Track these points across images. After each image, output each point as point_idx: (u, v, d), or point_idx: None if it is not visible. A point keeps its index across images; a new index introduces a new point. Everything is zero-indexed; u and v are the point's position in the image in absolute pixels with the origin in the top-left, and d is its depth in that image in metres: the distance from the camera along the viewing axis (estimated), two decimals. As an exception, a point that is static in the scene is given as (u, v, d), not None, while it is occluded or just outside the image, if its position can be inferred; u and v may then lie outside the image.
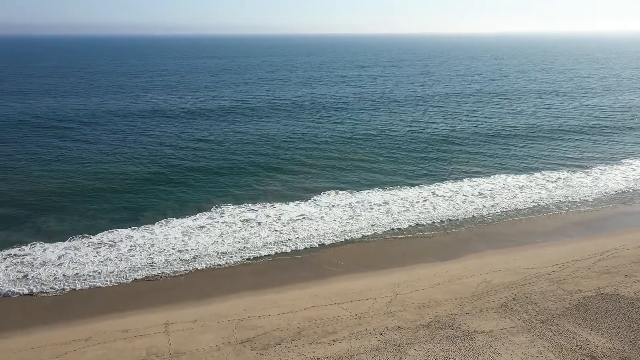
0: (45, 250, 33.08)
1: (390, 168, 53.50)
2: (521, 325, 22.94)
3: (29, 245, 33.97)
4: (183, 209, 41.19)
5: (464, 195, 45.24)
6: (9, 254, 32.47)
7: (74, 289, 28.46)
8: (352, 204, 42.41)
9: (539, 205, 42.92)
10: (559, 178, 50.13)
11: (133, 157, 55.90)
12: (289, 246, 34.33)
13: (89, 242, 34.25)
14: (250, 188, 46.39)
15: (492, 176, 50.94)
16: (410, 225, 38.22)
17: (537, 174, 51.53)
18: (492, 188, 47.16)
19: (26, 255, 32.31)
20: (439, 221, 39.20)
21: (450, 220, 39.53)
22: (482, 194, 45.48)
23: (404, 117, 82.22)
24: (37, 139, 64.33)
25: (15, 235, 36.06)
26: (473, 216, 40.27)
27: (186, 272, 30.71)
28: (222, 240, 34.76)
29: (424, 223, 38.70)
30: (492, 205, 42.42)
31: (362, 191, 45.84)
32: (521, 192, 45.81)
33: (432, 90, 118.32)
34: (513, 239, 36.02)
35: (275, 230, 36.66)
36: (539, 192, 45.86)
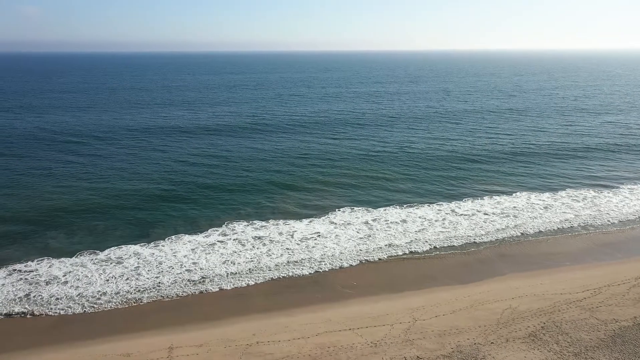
0: (51, 266, 32.19)
1: (408, 186, 51.87)
2: (552, 357, 21.04)
3: (36, 261, 33.17)
4: (194, 225, 40.16)
5: (484, 214, 43.40)
6: (15, 270, 31.66)
7: (75, 311, 27.27)
8: (368, 222, 40.90)
9: (564, 225, 40.82)
10: (585, 197, 47.92)
11: (145, 173, 55.27)
12: (302, 266, 32.87)
13: (96, 259, 33.28)
14: (263, 205, 45.19)
15: (514, 194, 48.99)
16: (428, 245, 36.51)
17: (562, 193, 49.41)
18: (514, 207, 45.21)
19: (31, 271, 31.44)
20: (459, 241, 37.41)
21: (470, 240, 37.69)
22: (504, 213, 43.56)
23: (422, 134, 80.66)
24: (51, 154, 64.29)
25: (23, 250, 35.36)
26: (495, 236, 38.38)
27: (194, 292, 29.43)
28: (233, 259, 33.47)
29: (443, 243, 36.95)
30: (516, 226, 40.44)
31: (378, 209, 44.30)
32: (545, 212, 43.77)
33: (450, 106, 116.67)
34: (538, 261, 34.03)
35: (288, 249, 35.29)
36: (564, 212, 43.76)
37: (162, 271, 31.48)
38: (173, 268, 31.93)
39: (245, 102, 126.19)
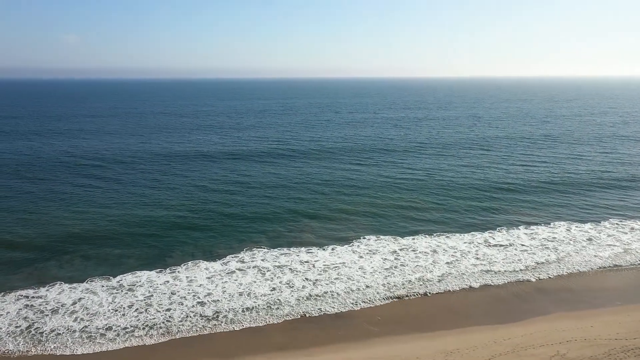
0: (61, 292, 30.75)
1: (437, 215, 49.00)
2: (612, 418, 18.00)
3: (47, 286, 31.85)
4: (212, 252, 38.41)
5: (521, 245, 40.28)
6: (24, 296, 30.33)
7: (74, 351, 25.19)
8: (395, 252, 38.33)
9: (613, 259, 37.31)
10: (633, 229, 44.19)
11: (165, 199, 54.02)
12: (324, 301, 30.33)
13: (108, 286, 31.70)
14: (284, 233, 43.15)
15: (551, 224, 45.67)
16: (461, 279, 33.59)
17: (605, 224, 45.78)
18: (553, 238, 41.93)
19: (40, 297, 30.03)
20: (494, 274, 34.39)
21: (507, 273, 34.62)
22: (542, 244, 40.31)
23: (451, 161, 77.77)
24: (73, 178, 63.92)
25: (36, 274, 34.21)
26: (535, 270, 35.20)
27: (205, 328, 27.23)
28: (251, 290, 31.27)
29: (478, 277, 33.98)
30: (558, 259, 37.14)
31: (406, 238, 41.70)
32: (589, 244, 40.31)
33: (481, 132, 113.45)
34: (586, 299, 30.72)
35: (309, 280, 32.97)
36: (611, 244, 40.20)
37: (173, 303, 29.53)
38: (186, 299, 29.95)
39: (272, 126, 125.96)
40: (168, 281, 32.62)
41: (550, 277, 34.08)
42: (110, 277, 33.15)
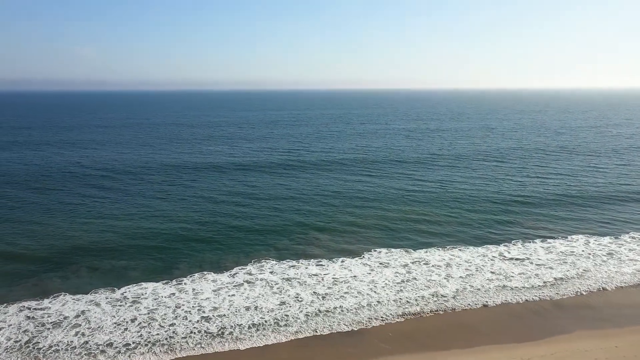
0: (64, 304, 30.06)
1: (450, 228, 47.68)
2: None
3: (52, 297, 31.24)
4: (220, 264, 37.60)
5: (537, 259, 38.89)
6: (27, 307, 29.69)
7: None
8: (407, 265, 37.18)
9: (636, 275, 35.72)
10: (655, 243, 42.54)
11: (173, 210, 53.40)
12: (333, 316, 29.14)
13: (112, 298, 30.94)
14: (294, 245, 42.20)
15: (569, 238, 44.21)
16: (477, 294, 32.28)
17: (625, 237, 44.21)
18: (571, 252, 40.47)
19: (43, 309, 29.35)
20: (511, 290, 32.99)
21: (524, 288, 33.24)
22: (560, 258, 38.87)
23: (464, 173, 76.36)
24: (82, 189, 63.53)
25: (41, 285, 33.66)
26: (553, 285, 33.78)
27: (210, 345, 26.24)
28: (258, 304, 30.27)
29: (494, 292, 32.61)
30: (577, 274, 35.66)
31: (418, 250, 40.54)
32: (610, 258, 38.78)
33: (494, 144, 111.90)
34: (609, 317, 29.25)
35: (318, 294, 31.90)
36: (633, 259, 38.62)
37: (178, 317, 28.57)
38: (191, 313, 29.00)
39: (282, 137, 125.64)
40: (174, 293, 31.81)
41: (570, 294, 32.63)
42: (115, 289, 32.43)
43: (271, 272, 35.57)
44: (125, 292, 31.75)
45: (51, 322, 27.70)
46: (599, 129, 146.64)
